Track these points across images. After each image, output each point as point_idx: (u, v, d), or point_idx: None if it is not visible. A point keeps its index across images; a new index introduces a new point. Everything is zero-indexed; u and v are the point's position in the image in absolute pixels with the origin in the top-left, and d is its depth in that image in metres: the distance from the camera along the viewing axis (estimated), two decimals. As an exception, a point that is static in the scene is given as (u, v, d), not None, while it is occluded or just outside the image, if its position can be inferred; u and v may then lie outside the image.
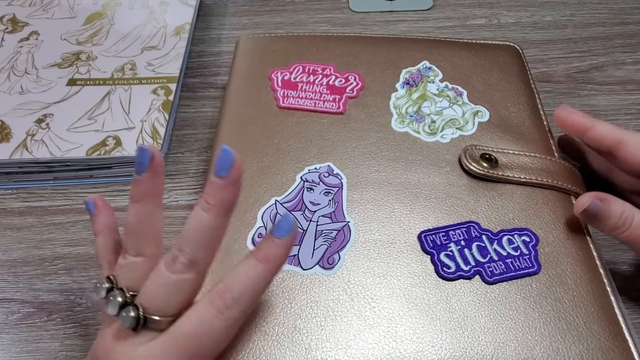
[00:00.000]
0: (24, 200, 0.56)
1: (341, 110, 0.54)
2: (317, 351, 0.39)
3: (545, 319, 0.41)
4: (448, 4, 0.80)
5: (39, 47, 0.67)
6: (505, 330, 0.40)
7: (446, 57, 0.59)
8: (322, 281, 0.43)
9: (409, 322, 0.41)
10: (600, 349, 0.40)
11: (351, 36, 0.62)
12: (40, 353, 0.46)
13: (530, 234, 0.45)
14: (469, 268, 0.43)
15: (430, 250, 0.44)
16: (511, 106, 0.55)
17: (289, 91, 0.56)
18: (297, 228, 0.40)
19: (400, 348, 0.40)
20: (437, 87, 0.56)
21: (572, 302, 0.42)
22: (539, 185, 0.49)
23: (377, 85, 0.57)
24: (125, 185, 0.57)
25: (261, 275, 0.36)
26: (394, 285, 0.43)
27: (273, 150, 0.51)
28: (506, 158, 0.50)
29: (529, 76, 0.59)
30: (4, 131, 0.57)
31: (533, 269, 0.43)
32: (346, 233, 0.46)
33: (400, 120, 0.53)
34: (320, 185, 0.48)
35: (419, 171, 0.50)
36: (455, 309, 0.42)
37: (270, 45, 0.61)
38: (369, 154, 0.51)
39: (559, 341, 0.40)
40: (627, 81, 0.69)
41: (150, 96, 0.61)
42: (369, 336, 0.40)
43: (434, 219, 0.47)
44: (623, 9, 0.79)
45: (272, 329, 0.40)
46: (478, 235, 0.45)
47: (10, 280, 0.50)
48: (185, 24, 0.70)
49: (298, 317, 0.41)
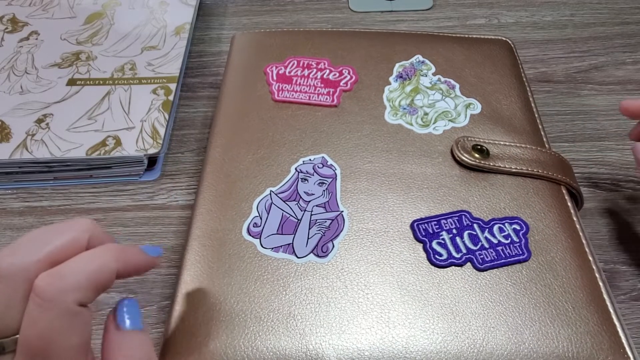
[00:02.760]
0: (24, 200, 0.56)
1: (335, 103, 0.55)
2: (311, 336, 0.40)
3: (534, 304, 0.42)
4: (448, 4, 0.81)
5: (38, 47, 0.67)
6: (495, 315, 0.41)
7: (439, 51, 0.60)
8: (316, 269, 0.44)
9: (401, 308, 0.41)
10: (589, 333, 0.40)
11: (345, 31, 0.63)
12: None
13: (521, 222, 0.46)
14: (460, 255, 0.44)
15: (423, 238, 0.45)
16: (503, 99, 0.56)
17: (283, 85, 0.57)
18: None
19: (392, 333, 0.40)
20: (429, 80, 0.57)
21: (562, 288, 0.42)
22: (530, 176, 0.49)
23: (370, 78, 0.58)
24: (125, 186, 0.58)
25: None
26: (386, 272, 0.43)
27: (268, 142, 0.52)
28: (497, 149, 0.51)
29: (521, 70, 0.59)
30: (4, 131, 0.57)
31: (523, 256, 0.44)
32: (340, 222, 0.46)
33: (394, 113, 0.54)
34: (315, 175, 0.49)
35: (411, 162, 0.50)
36: (446, 295, 0.42)
37: (266, 40, 0.62)
38: (363, 145, 0.52)
39: (548, 325, 0.40)
40: (627, 81, 0.69)
41: (150, 96, 0.61)
42: (362, 322, 0.41)
43: (427, 208, 0.47)
44: (623, 9, 0.79)
45: (266, 315, 0.41)
46: (469, 224, 0.46)
47: (11, 280, 0.51)
48: (185, 24, 0.71)
49: (292, 303, 0.42)
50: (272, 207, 0.47)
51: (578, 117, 0.64)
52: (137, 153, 0.56)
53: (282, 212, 0.47)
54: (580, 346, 0.40)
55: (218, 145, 0.52)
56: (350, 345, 0.40)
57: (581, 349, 0.39)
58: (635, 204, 0.56)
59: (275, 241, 0.45)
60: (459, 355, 0.39)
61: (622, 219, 0.55)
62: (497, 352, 0.39)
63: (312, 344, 0.40)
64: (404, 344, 0.40)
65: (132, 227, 0.54)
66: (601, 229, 0.54)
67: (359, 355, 0.39)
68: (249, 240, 0.45)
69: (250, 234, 0.46)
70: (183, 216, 0.55)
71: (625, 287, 0.50)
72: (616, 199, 0.57)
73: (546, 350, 0.39)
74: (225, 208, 0.47)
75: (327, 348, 0.40)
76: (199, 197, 0.48)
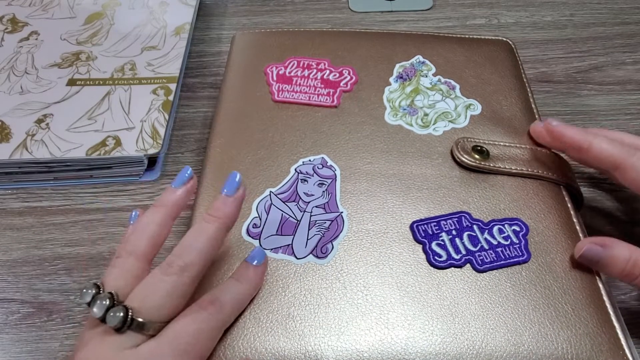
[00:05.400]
0: (23, 201, 0.56)
1: (335, 103, 0.55)
2: (310, 337, 0.40)
3: (534, 305, 0.42)
4: (448, 4, 0.80)
5: (38, 47, 0.67)
6: (495, 317, 0.41)
7: (439, 51, 0.60)
8: (315, 270, 0.44)
9: (400, 309, 0.41)
10: (588, 335, 0.40)
11: (345, 31, 0.63)
12: (40, 353, 0.46)
13: (521, 223, 0.46)
14: (459, 257, 0.44)
15: (422, 239, 0.45)
16: (503, 99, 0.56)
17: (283, 85, 0.57)
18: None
19: (391, 334, 0.40)
20: (430, 81, 0.57)
21: (561, 290, 0.42)
22: (530, 176, 0.49)
23: (371, 79, 0.57)
24: (125, 186, 0.58)
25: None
26: (386, 273, 0.43)
27: (268, 143, 0.52)
28: (497, 150, 0.51)
29: (522, 70, 0.59)
30: (4, 131, 0.57)
31: (523, 257, 0.44)
32: (339, 223, 0.46)
33: (394, 114, 0.54)
34: (314, 176, 0.49)
35: (411, 163, 0.50)
36: (446, 297, 0.42)
37: (266, 40, 0.62)
38: (363, 146, 0.52)
39: (547, 327, 0.40)
40: (626, 81, 0.69)
41: (150, 96, 0.61)
42: (361, 323, 0.41)
43: (426, 209, 0.47)
44: (623, 9, 0.79)
45: (265, 317, 0.41)
46: (469, 225, 0.46)
47: (10, 281, 0.50)
48: (185, 24, 0.71)
49: (292, 304, 0.42)
50: (272, 207, 0.47)
51: (578, 117, 0.64)
52: (137, 153, 0.56)
53: (281, 213, 0.47)
54: (580, 348, 0.40)
55: (218, 146, 0.52)
56: (349, 346, 0.40)
57: (580, 351, 0.39)
58: (635, 204, 0.56)
59: (274, 242, 0.45)
60: (458, 356, 0.39)
61: (622, 219, 0.55)
62: (496, 353, 0.39)
63: (311, 345, 0.40)
64: (403, 345, 0.40)
65: (132, 227, 0.54)
66: (601, 229, 0.54)
67: (358, 357, 0.39)
68: (248, 240, 0.45)
69: (249, 234, 0.46)
70: (183, 216, 0.55)
71: (625, 287, 0.50)
72: (616, 199, 0.57)
73: (545, 352, 0.39)
74: (225, 209, 0.47)
75: (326, 349, 0.40)
76: (198, 198, 0.48)
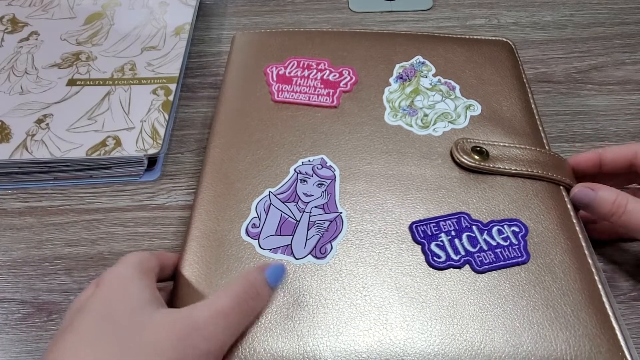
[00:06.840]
0: (23, 201, 0.56)
1: (335, 104, 0.55)
2: (308, 337, 0.40)
3: (533, 307, 0.42)
4: (448, 4, 0.80)
5: (38, 48, 0.67)
6: (493, 318, 0.41)
7: (439, 52, 0.60)
8: (314, 270, 0.44)
9: (399, 310, 0.41)
10: (587, 336, 0.40)
11: (345, 32, 0.63)
12: (40, 353, 0.46)
13: (520, 224, 0.46)
14: (459, 257, 0.44)
15: (421, 240, 0.45)
16: (503, 100, 0.55)
17: (283, 85, 0.57)
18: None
19: (390, 335, 0.40)
20: (430, 81, 0.57)
21: (560, 291, 0.42)
22: (529, 177, 0.49)
23: (370, 79, 0.57)
24: (125, 186, 0.58)
25: None
26: (384, 274, 0.43)
27: (267, 143, 0.52)
28: (497, 150, 0.50)
29: (522, 71, 0.59)
30: (4, 131, 0.57)
31: (522, 258, 0.44)
32: (338, 224, 0.46)
33: (393, 114, 0.54)
34: (314, 177, 0.49)
35: (411, 163, 0.50)
36: (445, 297, 0.42)
37: (266, 40, 0.62)
38: (362, 146, 0.52)
39: (546, 328, 0.40)
40: (626, 81, 0.69)
41: (150, 96, 0.61)
42: (360, 323, 0.41)
43: (425, 210, 0.47)
44: (623, 9, 0.79)
45: (264, 317, 0.41)
46: (468, 226, 0.46)
47: (10, 281, 0.51)
48: (185, 24, 0.71)
49: (290, 305, 0.42)
50: (271, 208, 0.47)
51: (578, 118, 0.64)
52: (137, 153, 0.56)
53: (280, 213, 0.47)
54: (579, 349, 0.40)
55: (217, 146, 0.52)
56: (348, 347, 0.40)
57: (579, 352, 0.39)
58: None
59: (273, 242, 0.45)
60: (457, 357, 0.39)
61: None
62: (495, 354, 0.39)
63: (310, 346, 0.40)
64: (401, 346, 0.40)
65: (132, 227, 0.54)
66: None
67: (357, 357, 0.39)
68: (247, 241, 0.45)
69: (248, 234, 0.46)
70: (183, 216, 0.55)
71: (625, 287, 0.50)
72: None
73: (544, 353, 0.39)
74: (224, 209, 0.47)
75: (325, 350, 0.39)
76: (197, 198, 0.48)
